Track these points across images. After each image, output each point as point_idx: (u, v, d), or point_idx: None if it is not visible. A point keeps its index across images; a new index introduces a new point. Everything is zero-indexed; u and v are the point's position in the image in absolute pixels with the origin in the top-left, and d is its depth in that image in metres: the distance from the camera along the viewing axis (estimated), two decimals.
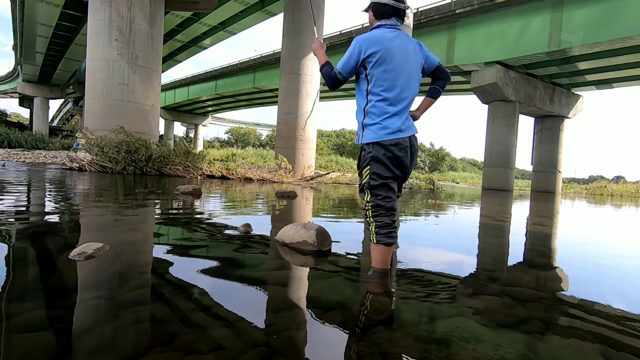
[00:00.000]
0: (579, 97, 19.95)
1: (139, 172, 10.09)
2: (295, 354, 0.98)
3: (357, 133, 1.77)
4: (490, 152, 17.65)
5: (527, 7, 14.43)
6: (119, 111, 10.97)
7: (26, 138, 26.39)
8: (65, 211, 3.28)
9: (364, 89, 1.69)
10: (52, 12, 19.86)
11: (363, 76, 1.68)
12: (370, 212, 1.69)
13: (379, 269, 1.71)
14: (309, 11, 13.76)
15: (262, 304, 1.34)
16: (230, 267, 1.77)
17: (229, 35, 23.55)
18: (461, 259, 2.40)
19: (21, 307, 1.15)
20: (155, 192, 5.36)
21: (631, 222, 6.24)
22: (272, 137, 47.96)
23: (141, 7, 11.23)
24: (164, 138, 38.30)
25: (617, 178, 47.50)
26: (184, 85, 35.70)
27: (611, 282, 2.04)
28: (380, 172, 1.65)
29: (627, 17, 12.29)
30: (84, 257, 1.66)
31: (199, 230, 2.69)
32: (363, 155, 1.71)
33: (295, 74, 13.70)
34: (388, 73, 1.63)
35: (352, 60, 1.65)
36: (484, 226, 4.26)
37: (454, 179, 39.71)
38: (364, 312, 1.33)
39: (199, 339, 1.00)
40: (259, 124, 63.98)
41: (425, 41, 17.06)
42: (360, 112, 1.72)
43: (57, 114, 60.98)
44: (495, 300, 1.49)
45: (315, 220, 3.56)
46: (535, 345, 1.12)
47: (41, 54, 27.40)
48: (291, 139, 13.92)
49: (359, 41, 1.65)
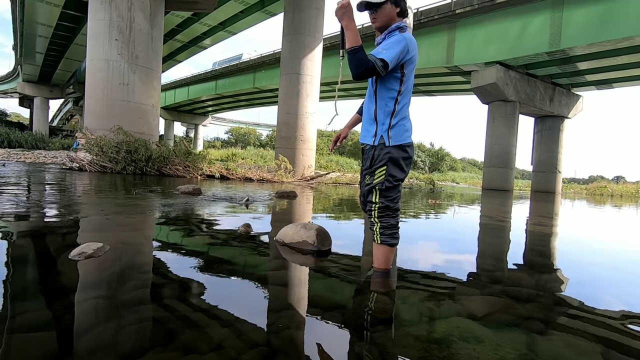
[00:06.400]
0: (579, 97, 19.94)
1: (139, 172, 10.09)
2: (296, 353, 0.98)
3: (374, 133, 1.65)
4: (490, 152, 17.65)
5: (527, 7, 14.42)
6: (119, 111, 10.97)
7: (26, 138, 26.39)
8: (65, 211, 3.28)
9: (394, 89, 1.61)
10: (52, 12, 19.87)
11: (398, 76, 1.60)
12: (376, 212, 1.67)
13: (381, 268, 1.72)
14: (309, 11, 13.80)
15: (262, 304, 1.34)
16: (230, 267, 1.77)
17: (229, 35, 23.55)
18: (461, 259, 2.40)
19: (21, 306, 1.15)
20: (155, 192, 5.36)
21: (631, 222, 6.24)
22: (272, 137, 47.92)
23: (141, 7, 11.23)
24: (164, 138, 38.32)
25: (617, 178, 47.52)
26: (184, 85, 35.71)
27: (611, 282, 2.04)
28: (396, 174, 1.64)
29: (627, 17, 12.29)
30: (84, 257, 1.66)
31: (199, 230, 2.69)
32: (379, 154, 1.64)
33: (295, 74, 13.70)
34: (412, 76, 1.66)
35: (400, 58, 1.54)
36: (484, 226, 4.26)
37: (454, 179, 39.69)
38: (364, 312, 1.33)
39: (198, 339, 1.00)
40: (259, 124, 64.04)
41: (425, 41, 17.09)
42: (387, 113, 1.62)
43: (57, 114, 61.02)
44: (496, 300, 1.49)
45: (315, 220, 3.56)
46: (535, 345, 1.12)
47: (41, 54, 27.42)
48: (291, 139, 13.92)
49: (407, 40, 1.56)
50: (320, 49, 14.29)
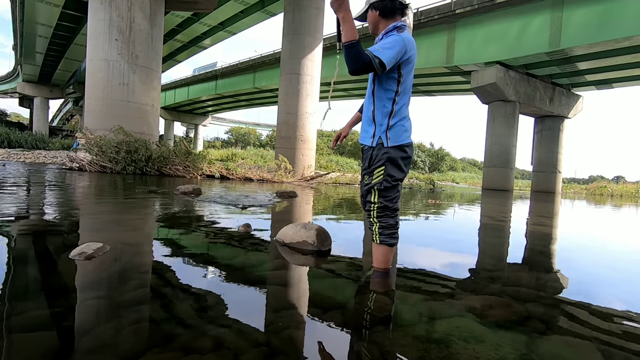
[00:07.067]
0: (579, 97, 19.94)
1: (138, 172, 10.09)
2: (295, 353, 0.98)
3: (373, 134, 1.65)
4: (490, 152, 17.65)
5: (527, 7, 14.42)
6: (119, 111, 10.97)
7: (26, 138, 26.38)
8: (65, 211, 3.28)
9: (391, 90, 1.61)
10: (52, 12, 19.88)
11: (395, 77, 1.59)
12: (375, 212, 1.67)
13: (381, 268, 1.72)
14: (309, 11, 13.80)
15: (262, 304, 1.34)
16: (229, 267, 1.77)
17: (229, 35, 23.57)
18: (461, 259, 2.40)
19: (21, 306, 1.15)
20: (155, 192, 5.36)
21: (631, 222, 6.24)
22: (272, 137, 47.95)
23: (141, 7, 11.23)
24: (164, 138, 38.32)
25: (617, 178, 47.51)
26: (184, 85, 35.71)
27: (611, 282, 2.04)
28: (395, 174, 1.64)
29: (627, 17, 12.29)
30: (84, 257, 1.65)
31: (199, 230, 2.69)
32: (377, 154, 1.64)
33: (295, 74, 13.70)
34: (410, 76, 1.65)
35: (397, 58, 1.53)
36: (484, 226, 4.26)
37: (454, 179, 39.69)
38: (364, 312, 1.33)
39: (198, 339, 1.00)
40: (259, 124, 64.03)
41: (425, 41, 17.09)
42: (385, 114, 1.62)
43: (57, 114, 61.01)
44: (496, 300, 1.49)
45: (315, 220, 3.56)
46: (535, 345, 1.12)
47: (41, 54, 27.42)
48: (291, 139, 13.92)
49: (405, 40, 1.54)
50: (320, 49, 14.29)
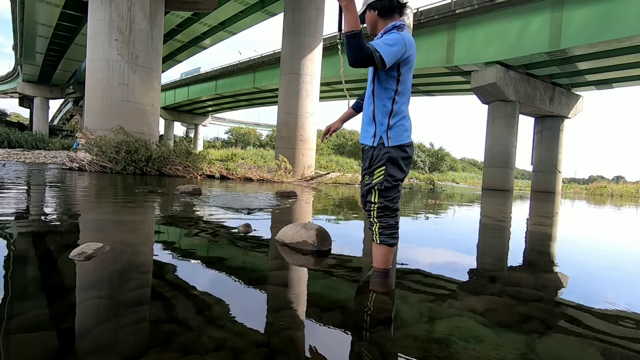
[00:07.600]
0: (579, 97, 19.94)
1: (138, 172, 10.08)
2: (295, 353, 0.98)
3: (373, 134, 1.65)
4: (490, 152, 17.65)
5: (527, 7, 14.42)
6: (119, 111, 10.97)
7: (26, 138, 26.39)
8: (65, 211, 3.28)
9: (391, 89, 1.61)
10: (52, 12, 19.88)
11: (395, 75, 1.59)
12: (375, 212, 1.67)
13: (381, 268, 1.72)
14: (309, 11, 13.80)
15: (262, 304, 1.34)
16: (229, 267, 1.77)
17: (229, 35, 23.56)
18: (461, 259, 2.40)
19: (21, 306, 1.15)
20: (155, 192, 5.36)
21: (631, 223, 6.24)
22: (272, 137, 47.94)
23: (141, 7, 11.23)
24: (164, 138, 38.33)
25: (617, 178, 47.51)
26: (184, 85, 35.71)
27: (611, 282, 2.04)
28: (395, 174, 1.64)
29: (627, 17, 12.29)
30: (84, 257, 1.65)
31: (199, 230, 2.69)
32: (378, 154, 1.63)
33: (295, 74, 13.70)
34: (409, 76, 1.65)
35: (398, 56, 1.52)
36: (484, 226, 4.26)
37: (454, 179, 39.70)
38: (364, 312, 1.33)
39: (198, 339, 1.00)
40: (259, 124, 64.02)
41: (425, 41, 17.10)
42: (385, 113, 1.62)
43: (57, 114, 61.00)
44: (496, 300, 1.49)
45: (315, 220, 3.56)
46: (535, 345, 1.12)
47: (41, 54, 27.42)
48: (291, 139, 13.92)
49: (405, 39, 1.54)
50: (320, 49, 14.29)
